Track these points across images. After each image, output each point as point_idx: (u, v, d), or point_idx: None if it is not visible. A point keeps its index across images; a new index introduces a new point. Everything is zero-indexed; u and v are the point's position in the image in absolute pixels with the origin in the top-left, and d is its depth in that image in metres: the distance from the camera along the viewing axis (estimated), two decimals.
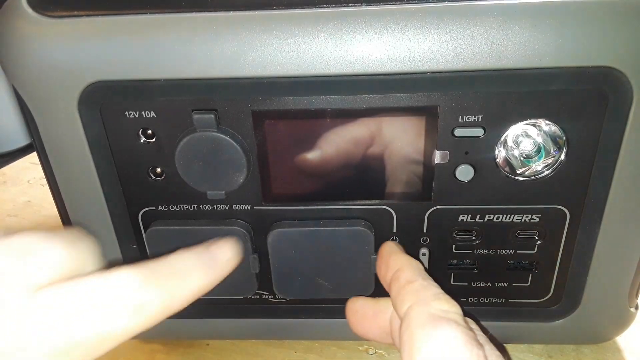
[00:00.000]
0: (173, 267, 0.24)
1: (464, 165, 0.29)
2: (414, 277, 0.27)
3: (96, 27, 0.26)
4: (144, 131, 0.29)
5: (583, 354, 0.36)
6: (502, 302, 0.34)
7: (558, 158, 0.28)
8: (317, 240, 0.31)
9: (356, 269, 0.32)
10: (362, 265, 0.31)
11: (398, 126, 0.28)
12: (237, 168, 0.29)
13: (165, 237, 0.31)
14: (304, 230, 0.31)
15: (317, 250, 0.31)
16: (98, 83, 0.27)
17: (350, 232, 0.30)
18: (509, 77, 0.26)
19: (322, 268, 0.32)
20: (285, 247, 0.31)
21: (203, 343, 0.38)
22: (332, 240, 0.31)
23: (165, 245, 0.30)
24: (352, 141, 0.29)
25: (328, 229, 0.30)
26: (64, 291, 0.20)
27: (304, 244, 0.31)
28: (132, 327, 0.21)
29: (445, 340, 0.23)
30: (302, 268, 0.32)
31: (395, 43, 0.25)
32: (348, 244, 0.31)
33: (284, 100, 0.27)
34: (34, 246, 0.21)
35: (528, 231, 0.31)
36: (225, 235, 0.27)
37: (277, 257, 0.32)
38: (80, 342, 0.20)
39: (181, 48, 0.26)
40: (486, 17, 0.25)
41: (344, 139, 0.29)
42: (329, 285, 0.32)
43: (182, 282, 0.24)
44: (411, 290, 0.26)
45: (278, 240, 0.31)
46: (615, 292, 0.32)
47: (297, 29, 0.26)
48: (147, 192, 0.31)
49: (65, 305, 0.20)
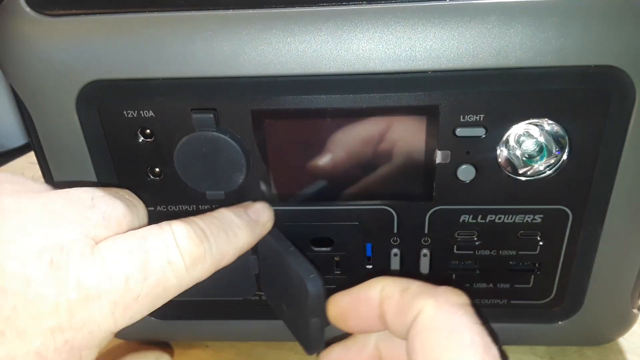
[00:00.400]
0: (223, 225, 0.25)
1: (465, 165, 0.28)
2: (405, 284, 0.25)
3: (94, 25, 0.26)
4: (142, 131, 0.29)
5: (585, 356, 0.36)
6: (504, 303, 0.34)
7: (560, 158, 0.28)
8: (279, 271, 0.29)
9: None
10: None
11: (399, 126, 0.28)
12: (236, 168, 0.29)
13: None
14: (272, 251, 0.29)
15: (279, 279, 0.30)
16: (96, 82, 0.27)
17: (301, 284, 0.27)
18: (510, 76, 0.26)
19: (283, 297, 0.30)
20: (263, 258, 0.30)
21: (202, 344, 0.38)
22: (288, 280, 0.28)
23: None
24: (353, 141, 0.29)
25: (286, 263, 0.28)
26: (124, 244, 0.21)
27: (273, 267, 0.30)
28: (187, 282, 0.22)
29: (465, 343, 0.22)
30: (273, 286, 0.31)
31: (396, 42, 0.25)
32: (296, 294, 0.28)
33: (284, 99, 0.27)
34: (98, 201, 0.22)
35: (530, 232, 0.31)
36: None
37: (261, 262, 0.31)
38: (139, 295, 0.21)
39: (180, 47, 0.26)
40: (488, 16, 0.25)
41: (344, 138, 0.29)
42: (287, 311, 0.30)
43: (231, 239, 0.25)
44: (414, 294, 0.24)
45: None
46: (618, 293, 0.32)
47: (297, 27, 0.25)
48: (145, 192, 0.31)
49: (125, 258, 0.21)
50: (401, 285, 0.25)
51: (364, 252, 0.33)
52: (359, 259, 0.33)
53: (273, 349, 0.37)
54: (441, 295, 0.23)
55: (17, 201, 0.21)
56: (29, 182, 0.23)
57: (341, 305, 0.27)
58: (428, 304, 0.23)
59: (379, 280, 0.26)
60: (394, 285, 0.25)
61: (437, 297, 0.23)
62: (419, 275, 0.33)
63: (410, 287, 0.24)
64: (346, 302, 0.27)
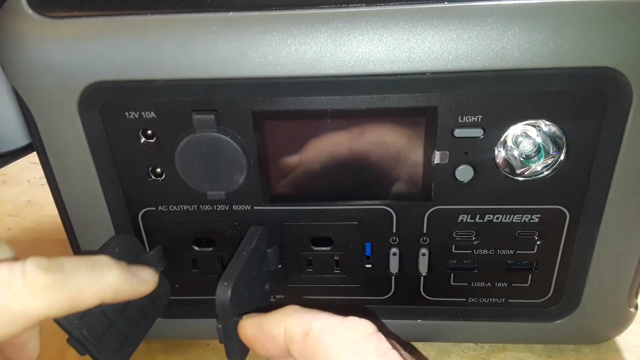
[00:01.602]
0: (89, 262, 0.25)
1: (463, 166, 0.29)
2: (307, 324, 0.24)
3: (96, 27, 0.26)
4: (144, 131, 0.29)
5: (583, 354, 0.36)
6: (502, 302, 0.34)
7: (558, 158, 0.28)
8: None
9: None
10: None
11: (398, 127, 0.28)
12: (237, 168, 0.29)
13: None
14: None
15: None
16: (98, 83, 0.27)
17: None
18: (508, 78, 0.26)
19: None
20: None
21: (203, 343, 0.38)
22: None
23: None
24: (352, 141, 0.29)
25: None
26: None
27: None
28: (36, 310, 0.23)
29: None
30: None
31: (394, 44, 0.25)
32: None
33: (284, 100, 0.27)
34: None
35: (528, 231, 0.31)
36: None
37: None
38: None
39: (181, 48, 0.26)
40: (486, 18, 0.25)
41: (343, 139, 0.29)
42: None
43: (96, 276, 0.25)
44: (315, 339, 0.23)
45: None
46: (615, 292, 0.32)
47: (296, 29, 0.26)
48: (147, 192, 0.31)
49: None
50: (303, 327, 0.24)
51: (363, 252, 0.33)
52: (359, 258, 0.33)
53: None
54: (344, 334, 0.23)
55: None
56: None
57: (247, 333, 0.26)
58: (331, 349, 0.22)
59: (282, 320, 0.25)
60: (296, 327, 0.24)
61: (339, 339, 0.23)
62: (418, 275, 0.33)
63: (312, 329, 0.23)
64: (251, 333, 0.26)
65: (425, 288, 0.34)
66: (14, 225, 0.54)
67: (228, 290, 0.26)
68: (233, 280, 0.27)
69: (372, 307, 0.35)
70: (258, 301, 0.31)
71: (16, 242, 0.51)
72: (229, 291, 0.26)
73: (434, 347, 0.37)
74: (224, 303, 0.26)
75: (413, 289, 0.34)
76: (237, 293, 0.27)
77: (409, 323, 0.35)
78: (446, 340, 0.37)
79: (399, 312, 0.35)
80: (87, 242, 0.33)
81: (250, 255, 0.29)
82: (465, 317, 0.35)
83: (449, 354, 0.36)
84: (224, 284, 0.27)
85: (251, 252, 0.29)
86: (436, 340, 0.37)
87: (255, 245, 0.30)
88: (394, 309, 0.35)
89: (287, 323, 0.24)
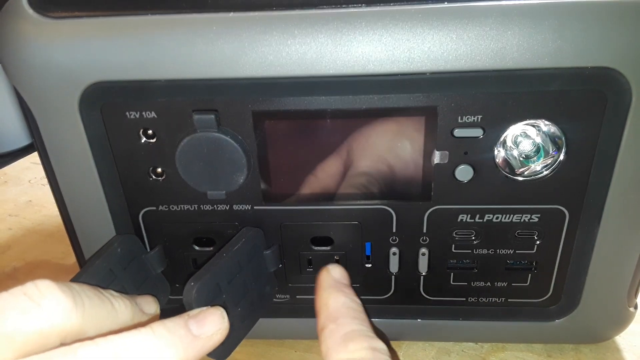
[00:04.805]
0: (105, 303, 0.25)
1: (463, 166, 0.29)
2: (325, 322, 0.28)
3: (97, 27, 0.26)
4: (144, 131, 0.29)
5: (582, 353, 0.36)
6: (502, 301, 0.34)
7: (557, 158, 0.28)
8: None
9: None
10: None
11: (397, 126, 0.28)
12: (237, 168, 0.29)
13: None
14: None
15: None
16: (99, 83, 0.27)
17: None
18: (508, 78, 0.26)
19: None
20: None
21: None
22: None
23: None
24: (352, 141, 0.29)
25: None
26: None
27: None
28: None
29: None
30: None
31: (394, 44, 0.25)
32: None
33: (284, 100, 0.27)
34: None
35: (527, 231, 0.31)
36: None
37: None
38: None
39: (182, 49, 0.26)
40: (485, 18, 0.25)
41: (343, 139, 0.29)
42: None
43: (109, 311, 0.25)
44: (323, 337, 0.28)
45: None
46: (614, 291, 0.33)
47: (297, 29, 0.26)
48: (147, 192, 0.31)
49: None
50: (320, 323, 0.28)
51: (363, 251, 0.33)
52: (359, 258, 0.33)
53: (273, 347, 0.37)
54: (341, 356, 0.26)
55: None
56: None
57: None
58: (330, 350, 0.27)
59: (324, 303, 0.30)
60: (321, 318, 0.29)
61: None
62: (418, 275, 0.33)
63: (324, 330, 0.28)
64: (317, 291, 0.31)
65: (425, 288, 0.34)
66: (14, 225, 0.55)
67: (193, 291, 0.27)
68: (200, 281, 0.27)
69: (372, 306, 0.35)
70: (258, 302, 0.31)
71: (17, 242, 0.52)
72: (194, 291, 0.27)
73: (434, 346, 0.37)
74: (188, 303, 0.27)
75: (413, 288, 0.34)
76: (204, 293, 0.27)
77: (409, 322, 0.35)
78: (446, 339, 0.37)
79: (398, 311, 0.35)
80: (87, 241, 0.33)
81: (231, 257, 0.29)
82: (465, 316, 0.35)
83: (449, 353, 0.36)
84: (191, 284, 0.27)
85: (233, 253, 0.29)
86: (436, 339, 0.37)
87: (241, 246, 0.30)
88: (394, 308, 0.35)
89: (320, 310, 0.29)
